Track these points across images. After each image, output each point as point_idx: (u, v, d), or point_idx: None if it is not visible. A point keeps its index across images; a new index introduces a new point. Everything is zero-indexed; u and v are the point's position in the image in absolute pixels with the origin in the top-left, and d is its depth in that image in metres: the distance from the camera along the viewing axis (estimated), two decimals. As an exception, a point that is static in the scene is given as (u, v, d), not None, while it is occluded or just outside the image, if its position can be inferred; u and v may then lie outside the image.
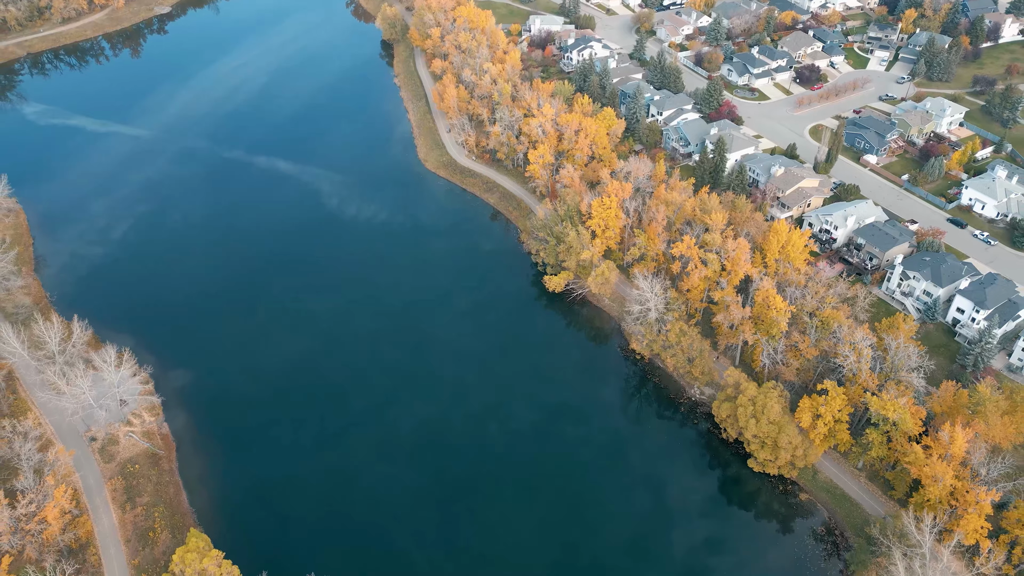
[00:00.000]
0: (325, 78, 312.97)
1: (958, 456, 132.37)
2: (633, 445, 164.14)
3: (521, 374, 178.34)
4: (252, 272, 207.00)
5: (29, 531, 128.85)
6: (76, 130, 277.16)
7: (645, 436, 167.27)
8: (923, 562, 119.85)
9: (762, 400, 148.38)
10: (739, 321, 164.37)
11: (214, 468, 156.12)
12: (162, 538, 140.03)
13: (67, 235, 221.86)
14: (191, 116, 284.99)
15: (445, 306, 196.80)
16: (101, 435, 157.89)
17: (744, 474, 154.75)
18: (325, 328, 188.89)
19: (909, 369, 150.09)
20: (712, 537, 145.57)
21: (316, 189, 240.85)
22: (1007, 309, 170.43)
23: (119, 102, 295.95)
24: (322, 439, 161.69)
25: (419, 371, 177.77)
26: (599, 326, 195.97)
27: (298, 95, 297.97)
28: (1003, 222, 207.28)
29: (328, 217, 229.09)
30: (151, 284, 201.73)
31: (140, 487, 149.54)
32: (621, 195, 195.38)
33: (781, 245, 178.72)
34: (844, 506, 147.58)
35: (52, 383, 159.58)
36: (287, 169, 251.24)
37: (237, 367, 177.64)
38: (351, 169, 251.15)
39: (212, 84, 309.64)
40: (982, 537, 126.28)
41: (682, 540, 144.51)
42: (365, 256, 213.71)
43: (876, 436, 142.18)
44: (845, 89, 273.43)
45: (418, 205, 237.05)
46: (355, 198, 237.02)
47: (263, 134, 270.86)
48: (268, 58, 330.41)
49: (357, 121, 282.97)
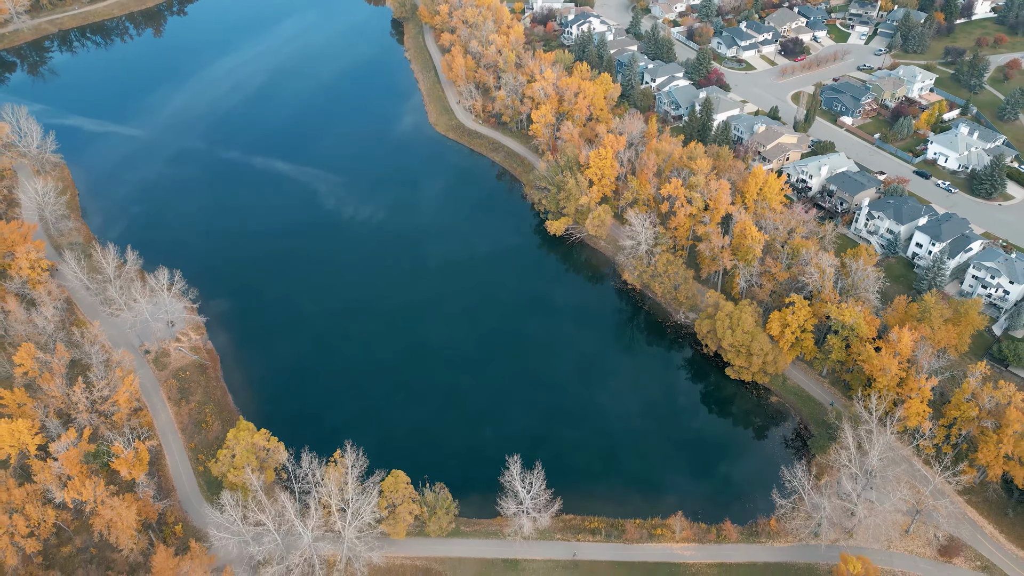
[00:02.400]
0: (341, 56, 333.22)
1: (905, 354, 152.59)
2: (624, 359, 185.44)
3: (524, 302, 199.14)
4: (279, 212, 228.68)
5: (103, 412, 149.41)
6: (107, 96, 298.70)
7: (635, 353, 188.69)
8: (870, 437, 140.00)
9: (737, 314, 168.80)
10: (719, 250, 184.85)
11: (254, 376, 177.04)
12: (213, 427, 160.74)
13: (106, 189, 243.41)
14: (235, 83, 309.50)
15: (454, 249, 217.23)
16: (154, 348, 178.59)
17: (722, 381, 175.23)
18: (355, 257, 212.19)
19: (867, 288, 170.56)
20: (693, 431, 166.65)
21: (336, 153, 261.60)
22: (960, 242, 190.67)
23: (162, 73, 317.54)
24: (349, 348, 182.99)
25: (432, 297, 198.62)
26: (595, 265, 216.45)
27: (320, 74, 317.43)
28: (964, 173, 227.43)
29: (346, 174, 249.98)
30: (187, 230, 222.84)
31: (191, 389, 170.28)
32: (616, 147, 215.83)
33: (759, 188, 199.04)
34: (809, 406, 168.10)
35: (110, 304, 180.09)
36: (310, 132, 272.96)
37: (270, 296, 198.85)
38: (367, 133, 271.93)
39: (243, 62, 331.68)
40: (923, 419, 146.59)
41: (668, 433, 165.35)
42: (379, 208, 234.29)
43: (836, 341, 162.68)
44: (826, 60, 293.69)
45: (429, 164, 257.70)
46: (371, 159, 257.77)
47: (294, 105, 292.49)
48: (292, 44, 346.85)
49: (372, 92, 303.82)
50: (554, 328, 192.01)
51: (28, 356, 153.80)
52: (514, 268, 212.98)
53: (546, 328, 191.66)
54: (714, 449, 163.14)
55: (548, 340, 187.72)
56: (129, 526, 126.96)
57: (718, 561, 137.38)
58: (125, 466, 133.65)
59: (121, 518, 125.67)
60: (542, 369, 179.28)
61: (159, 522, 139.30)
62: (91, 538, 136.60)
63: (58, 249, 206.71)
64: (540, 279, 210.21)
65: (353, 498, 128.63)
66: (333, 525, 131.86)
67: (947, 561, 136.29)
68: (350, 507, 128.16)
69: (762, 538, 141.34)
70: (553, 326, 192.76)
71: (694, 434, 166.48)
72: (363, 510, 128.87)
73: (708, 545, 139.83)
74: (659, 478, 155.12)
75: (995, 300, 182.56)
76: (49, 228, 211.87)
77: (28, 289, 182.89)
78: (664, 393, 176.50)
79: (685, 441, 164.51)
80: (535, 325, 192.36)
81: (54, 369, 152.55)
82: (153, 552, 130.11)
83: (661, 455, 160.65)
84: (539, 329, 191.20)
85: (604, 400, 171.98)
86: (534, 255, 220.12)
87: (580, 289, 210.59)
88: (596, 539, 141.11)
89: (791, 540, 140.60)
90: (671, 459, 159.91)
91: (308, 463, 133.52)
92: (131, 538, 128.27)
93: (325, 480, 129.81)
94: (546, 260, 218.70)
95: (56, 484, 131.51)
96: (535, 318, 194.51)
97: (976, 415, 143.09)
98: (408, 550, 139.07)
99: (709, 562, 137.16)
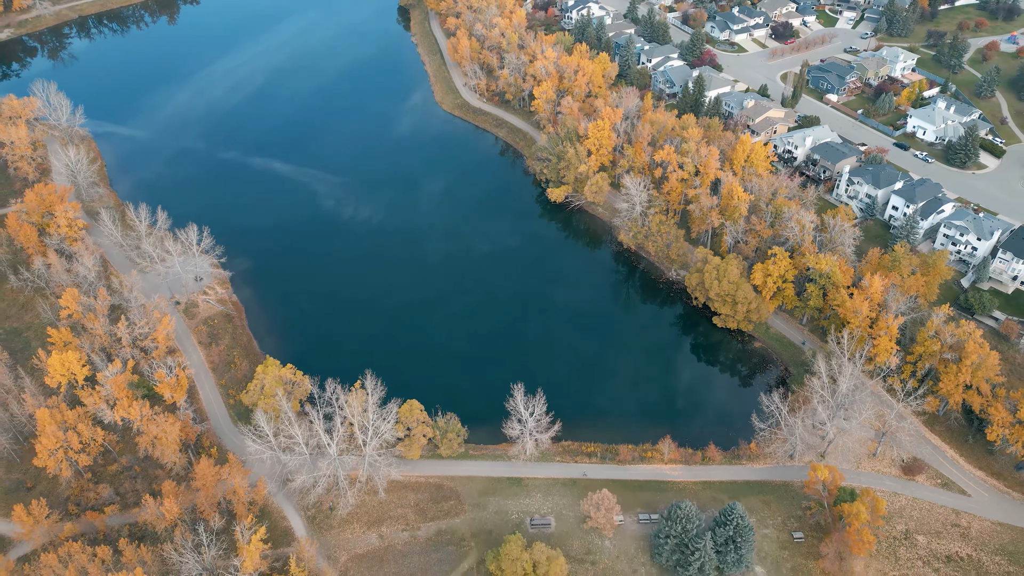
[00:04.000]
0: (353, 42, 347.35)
1: (876, 298, 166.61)
2: (620, 312, 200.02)
3: (528, 261, 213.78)
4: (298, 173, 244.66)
5: (143, 348, 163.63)
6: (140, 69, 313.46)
7: (631, 306, 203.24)
8: (841, 368, 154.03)
9: (724, 266, 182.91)
10: (708, 210, 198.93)
11: (276, 324, 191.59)
12: (241, 367, 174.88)
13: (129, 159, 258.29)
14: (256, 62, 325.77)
15: (462, 213, 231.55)
16: (184, 300, 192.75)
17: (710, 330, 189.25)
18: (366, 221, 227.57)
19: (844, 243, 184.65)
20: (683, 372, 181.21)
21: (351, 128, 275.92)
22: (932, 204, 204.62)
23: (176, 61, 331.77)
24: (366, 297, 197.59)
25: (440, 259, 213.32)
26: (594, 229, 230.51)
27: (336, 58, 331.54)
28: (941, 145, 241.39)
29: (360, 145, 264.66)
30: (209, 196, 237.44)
31: (219, 335, 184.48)
32: (613, 119, 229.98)
33: (746, 155, 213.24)
34: (790, 350, 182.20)
35: (144, 258, 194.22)
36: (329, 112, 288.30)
37: (288, 252, 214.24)
38: (378, 111, 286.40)
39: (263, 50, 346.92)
40: (890, 354, 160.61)
41: (659, 373, 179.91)
42: (391, 178, 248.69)
43: (814, 289, 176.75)
44: (815, 43, 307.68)
45: (437, 139, 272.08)
46: (382, 134, 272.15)
47: (313, 87, 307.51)
48: (306, 34, 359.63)
49: (381, 74, 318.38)
50: (555, 284, 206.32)
51: (72, 300, 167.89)
52: (517, 233, 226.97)
53: (547, 284, 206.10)
54: (701, 387, 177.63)
55: (549, 294, 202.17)
56: (173, 441, 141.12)
57: (702, 479, 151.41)
58: (168, 389, 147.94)
59: (165, 433, 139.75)
60: (544, 320, 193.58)
61: (196, 444, 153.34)
62: (136, 457, 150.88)
63: (90, 214, 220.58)
64: (542, 242, 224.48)
65: (373, 418, 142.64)
66: (355, 442, 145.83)
67: (910, 479, 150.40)
68: (371, 426, 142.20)
69: (743, 460, 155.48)
70: (554, 282, 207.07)
71: (683, 375, 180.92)
72: (382, 429, 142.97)
73: (694, 466, 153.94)
74: (650, 411, 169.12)
75: (964, 256, 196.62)
76: (81, 194, 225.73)
77: (66, 246, 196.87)
78: (656, 340, 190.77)
79: (675, 381, 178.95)
80: (537, 281, 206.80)
81: (97, 310, 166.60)
82: (192, 469, 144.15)
83: (652, 392, 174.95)
84: (541, 284, 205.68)
85: (601, 345, 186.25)
86: (536, 221, 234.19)
87: (579, 251, 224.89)
88: (592, 461, 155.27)
89: (769, 462, 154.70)
90: (662, 395, 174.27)
91: (332, 389, 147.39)
92: (174, 452, 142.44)
93: (348, 403, 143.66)
94: (547, 225, 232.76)
95: (106, 406, 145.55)
96: (537, 275, 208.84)
97: (939, 350, 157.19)
98: (422, 470, 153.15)
99: (694, 480, 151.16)
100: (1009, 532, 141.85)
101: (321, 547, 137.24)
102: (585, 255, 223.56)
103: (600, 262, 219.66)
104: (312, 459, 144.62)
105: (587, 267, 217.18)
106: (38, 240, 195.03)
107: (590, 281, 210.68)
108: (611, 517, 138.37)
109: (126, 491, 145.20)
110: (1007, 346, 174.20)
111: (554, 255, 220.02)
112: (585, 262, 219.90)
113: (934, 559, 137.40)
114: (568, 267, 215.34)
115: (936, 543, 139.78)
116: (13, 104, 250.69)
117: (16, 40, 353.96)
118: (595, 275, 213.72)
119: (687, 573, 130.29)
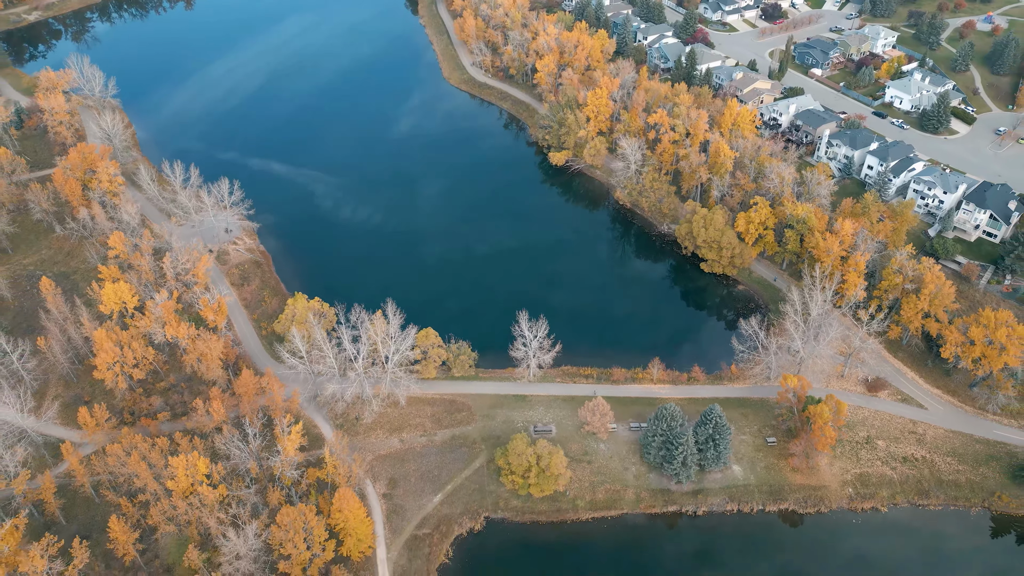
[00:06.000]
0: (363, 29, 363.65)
1: (847, 240, 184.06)
2: (616, 262, 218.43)
3: (531, 217, 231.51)
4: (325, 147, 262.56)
5: (185, 282, 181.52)
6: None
7: (626, 256, 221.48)
8: (812, 296, 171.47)
9: (710, 215, 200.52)
10: (697, 166, 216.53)
11: (300, 270, 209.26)
12: (272, 304, 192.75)
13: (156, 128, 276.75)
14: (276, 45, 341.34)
15: (470, 176, 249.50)
16: (216, 248, 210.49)
17: (698, 275, 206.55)
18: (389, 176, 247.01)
19: (820, 194, 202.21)
20: (673, 311, 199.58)
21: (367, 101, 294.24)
22: (904, 163, 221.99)
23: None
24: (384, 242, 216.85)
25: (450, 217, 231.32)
26: (592, 190, 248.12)
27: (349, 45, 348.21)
28: (916, 113, 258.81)
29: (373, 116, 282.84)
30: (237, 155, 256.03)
31: (250, 277, 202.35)
32: (610, 88, 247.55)
33: (733, 119, 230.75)
34: (769, 291, 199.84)
35: (180, 209, 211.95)
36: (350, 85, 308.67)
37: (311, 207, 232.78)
38: (390, 85, 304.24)
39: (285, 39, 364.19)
40: (857, 287, 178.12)
41: (650, 311, 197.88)
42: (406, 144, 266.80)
43: (792, 235, 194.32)
44: (802, 23, 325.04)
45: (446, 111, 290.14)
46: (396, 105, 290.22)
47: (334, 68, 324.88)
48: (321, 24, 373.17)
49: (391, 54, 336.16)
50: (556, 239, 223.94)
51: (119, 241, 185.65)
52: (521, 193, 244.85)
53: (549, 238, 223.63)
54: (689, 323, 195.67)
55: (551, 247, 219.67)
56: (216, 357, 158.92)
57: (688, 397, 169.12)
58: (210, 313, 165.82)
59: (210, 350, 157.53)
60: (546, 268, 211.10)
61: (234, 366, 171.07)
62: (182, 375, 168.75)
63: (125, 175, 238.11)
64: (544, 201, 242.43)
65: (394, 336, 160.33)
66: (378, 363, 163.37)
67: (874, 395, 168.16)
68: (393, 343, 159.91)
69: (725, 381, 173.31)
70: (555, 237, 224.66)
71: (673, 313, 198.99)
72: (402, 347, 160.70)
73: (680, 386, 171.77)
74: (642, 343, 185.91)
75: (932, 209, 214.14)
76: (117, 156, 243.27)
77: (108, 199, 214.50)
78: (649, 285, 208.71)
79: (665, 317, 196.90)
80: (540, 236, 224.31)
81: (143, 248, 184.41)
82: (232, 387, 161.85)
83: (644, 327, 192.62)
84: (543, 238, 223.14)
85: (598, 289, 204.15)
86: (539, 184, 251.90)
87: (579, 210, 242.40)
88: (589, 382, 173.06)
89: (748, 382, 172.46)
90: (652, 329, 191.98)
91: (357, 315, 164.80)
92: (218, 368, 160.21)
93: (372, 323, 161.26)
94: (549, 188, 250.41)
95: (157, 326, 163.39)
96: (540, 231, 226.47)
97: (901, 282, 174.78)
98: (437, 388, 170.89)
99: (680, 397, 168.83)
100: (960, 438, 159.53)
101: (350, 449, 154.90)
102: (584, 213, 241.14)
103: (598, 219, 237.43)
104: (339, 375, 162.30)
105: (586, 224, 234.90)
106: (82, 194, 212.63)
107: (589, 236, 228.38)
108: (605, 423, 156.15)
109: (174, 403, 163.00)
110: (967, 286, 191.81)
111: (555, 213, 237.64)
112: (584, 219, 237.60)
113: (892, 459, 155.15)
114: (568, 224, 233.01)
115: (894, 446, 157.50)
116: (50, 76, 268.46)
117: (43, 23, 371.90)
118: (593, 230, 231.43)
119: (672, 467, 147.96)
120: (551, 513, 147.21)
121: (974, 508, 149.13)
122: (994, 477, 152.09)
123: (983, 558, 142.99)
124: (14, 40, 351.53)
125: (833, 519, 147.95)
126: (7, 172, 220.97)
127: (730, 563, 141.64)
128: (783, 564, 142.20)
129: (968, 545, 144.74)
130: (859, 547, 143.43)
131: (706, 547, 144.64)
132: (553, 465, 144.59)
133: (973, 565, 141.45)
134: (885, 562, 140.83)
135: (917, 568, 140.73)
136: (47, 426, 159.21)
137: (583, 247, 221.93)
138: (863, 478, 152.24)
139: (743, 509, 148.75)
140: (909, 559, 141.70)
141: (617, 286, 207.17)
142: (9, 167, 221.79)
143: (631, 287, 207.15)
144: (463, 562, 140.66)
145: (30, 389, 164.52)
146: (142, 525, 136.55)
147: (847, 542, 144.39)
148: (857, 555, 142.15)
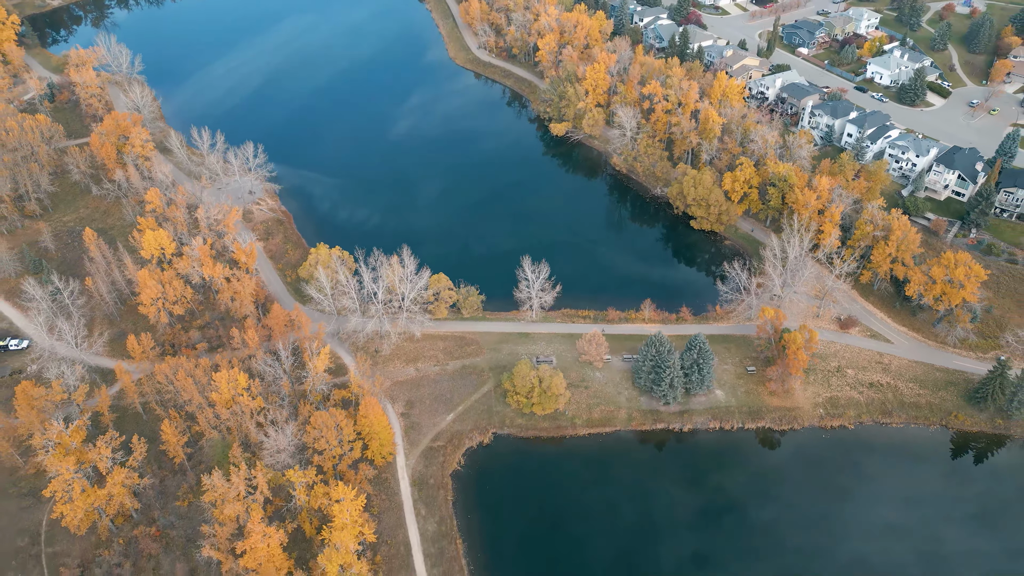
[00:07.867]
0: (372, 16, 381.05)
1: (824, 195, 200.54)
2: (612, 222, 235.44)
3: (534, 186, 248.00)
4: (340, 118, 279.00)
5: (217, 231, 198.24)
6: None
7: (621, 218, 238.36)
8: (791, 242, 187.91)
9: (700, 176, 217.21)
10: (688, 131, 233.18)
11: (320, 228, 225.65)
12: (295, 255, 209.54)
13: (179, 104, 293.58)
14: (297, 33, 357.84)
15: (477, 145, 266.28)
16: (241, 208, 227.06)
17: (689, 232, 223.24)
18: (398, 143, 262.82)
19: (801, 156, 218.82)
20: (664, 263, 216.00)
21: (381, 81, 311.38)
22: (880, 130, 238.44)
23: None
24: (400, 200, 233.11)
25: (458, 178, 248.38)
26: (590, 159, 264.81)
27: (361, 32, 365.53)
28: (895, 87, 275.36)
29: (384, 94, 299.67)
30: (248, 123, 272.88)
31: (273, 233, 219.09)
32: (608, 63, 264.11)
33: (722, 90, 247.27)
34: (754, 245, 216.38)
35: (208, 170, 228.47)
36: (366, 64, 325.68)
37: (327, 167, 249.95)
38: (400, 64, 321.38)
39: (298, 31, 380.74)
40: (830, 236, 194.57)
41: (643, 262, 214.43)
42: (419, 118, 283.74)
43: (774, 192, 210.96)
44: (791, 6, 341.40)
45: (452, 88, 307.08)
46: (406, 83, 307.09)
47: (353, 52, 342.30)
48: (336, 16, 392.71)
49: (400, 36, 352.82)
50: (557, 203, 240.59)
51: (156, 196, 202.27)
52: (524, 162, 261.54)
53: (551, 202, 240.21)
54: (679, 274, 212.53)
55: (553, 210, 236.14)
56: (249, 294, 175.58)
57: (677, 334, 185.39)
58: (242, 255, 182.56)
59: (244, 287, 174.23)
60: (548, 228, 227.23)
61: (263, 306, 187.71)
62: (216, 314, 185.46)
63: (154, 143, 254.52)
64: (545, 169, 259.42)
65: (410, 276, 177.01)
66: (395, 302, 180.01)
67: (845, 331, 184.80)
68: (408, 282, 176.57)
69: (710, 320, 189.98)
70: (556, 201, 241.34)
71: (664, 265, 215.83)
72: (418, 285, 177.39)
73: (669, 324, 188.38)
74: (635, 290, 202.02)
75: (905, 172, 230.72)
76: (147, 126, 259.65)
77: (140, 163, 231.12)
78: (642, 241, 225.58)
79: (657, 269, 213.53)
80: (542, 200, 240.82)
81: (178, 202, 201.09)
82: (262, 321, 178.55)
83: (637, 277, 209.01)
84: (545, 203, 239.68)
85: (595, 244, 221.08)
86: (540, 155, 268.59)
87: (578, 177, 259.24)
88: (586, 321, 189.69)
89: (732, 322, 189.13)
90: (645, 279, 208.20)
91: (375, 258, 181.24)
92: (250, 305, 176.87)
93: (390, 265, 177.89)
94: (550, 158, 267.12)
95: (194, 267, 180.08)
96: (542, 195, 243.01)
97: (872, 231, 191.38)
98: (448, 327, 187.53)
99: (670, 334, 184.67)
100: (922, 367, 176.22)
101: (370, 376, 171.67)
102: (583, 180, 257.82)
103: (596, 185, 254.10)
104: (361, 313, 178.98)
105: (584, 189, 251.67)
106: (116, 157, 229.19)
107: (587, 199, 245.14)
108: (601, 353, 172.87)
109: (210, 336, 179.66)
110: (936, 239, 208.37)
111: (556, 180, 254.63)
112: (583, 185, 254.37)
113: (859, 385, 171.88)
114: (568, 189, 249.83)
115: (862, 374, 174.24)
116: (80, 53, 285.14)
117: (64, 8, 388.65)
118: (591, 195, 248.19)
119: (660, 389, 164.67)
120: (552, 429, 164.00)
121: (933, 425, 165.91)
122: (952, 400, 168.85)
123: (940, 467, 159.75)
124: (38, 24, 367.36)
125: (804, 435, 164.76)
126: (47, 138, 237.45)
127: (712, 471, 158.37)
128: (759, 472, 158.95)
129: (927, 454, 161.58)
130: (827, 457, 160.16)
131: (691, 459, 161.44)
132: (554, 386, 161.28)
133: (930, 473, 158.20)
134: (851, 469, 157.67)
135: (879, 473, 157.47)
136: (96, 358, 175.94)
137: (582, 210, 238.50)
138: (833, 400, 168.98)
139: (724, 427, 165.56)
140: (872, 466, 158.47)
141: (614, 243, 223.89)
142: (48, 133, 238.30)
143: (627, 244, 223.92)
144: (473, 469, 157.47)
145: (79, 325, 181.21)
146: (189, 433, 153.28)
147: (816, 453, 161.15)
148: (825, 463, 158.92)
